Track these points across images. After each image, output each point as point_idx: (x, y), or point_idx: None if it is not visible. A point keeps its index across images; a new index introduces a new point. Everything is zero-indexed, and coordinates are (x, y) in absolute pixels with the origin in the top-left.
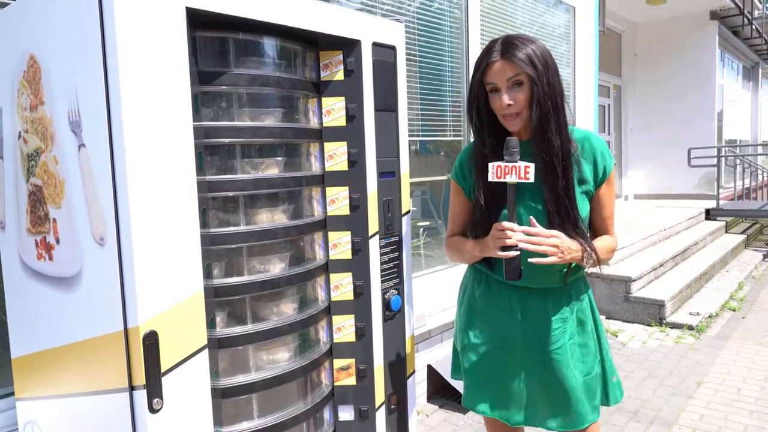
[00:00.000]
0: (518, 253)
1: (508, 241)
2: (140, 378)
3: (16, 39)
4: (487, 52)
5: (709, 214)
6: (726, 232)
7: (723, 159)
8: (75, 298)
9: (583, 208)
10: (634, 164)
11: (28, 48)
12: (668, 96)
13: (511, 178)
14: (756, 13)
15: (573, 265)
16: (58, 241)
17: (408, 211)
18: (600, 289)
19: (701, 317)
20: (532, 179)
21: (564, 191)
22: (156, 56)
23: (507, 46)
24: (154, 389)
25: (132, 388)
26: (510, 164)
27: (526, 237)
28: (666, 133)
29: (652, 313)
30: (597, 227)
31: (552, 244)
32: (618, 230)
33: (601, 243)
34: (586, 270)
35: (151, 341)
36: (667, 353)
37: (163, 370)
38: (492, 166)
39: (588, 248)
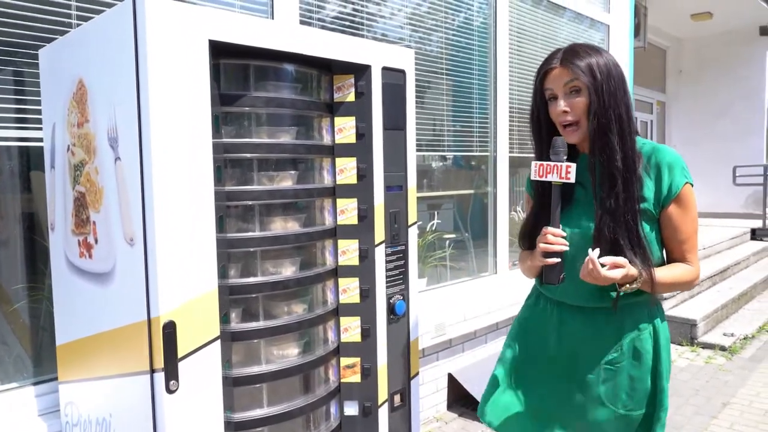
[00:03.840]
0: (559, 260)
1: (547, 246)
2: (159, 362)
3: (70, 64)
4: (547, 59)
5: (755, 234)
6: None
7: None
8: (109, 292)
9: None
10: None
11: (78, 72)
12: (714, 112)
13: (552, 177)
14: None
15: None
16: (96, 241)
17: (414, 222)
18: None
19: (735, 338)
20: (572, 180)
21: (624, 207)
22: (181, 83)
23: (568, 53)
24: (171, 372)
25: (152, 371)
26: (552, 163)
27: (563, 246)
28: (711, 150)
29: (684, 333)
30: (670, 252)
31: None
32: None
33: (666, 271)
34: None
35: (170, 330)
36: (695, 373)
37: (179, 355)
38: (534, 164)
39: (643, 272)
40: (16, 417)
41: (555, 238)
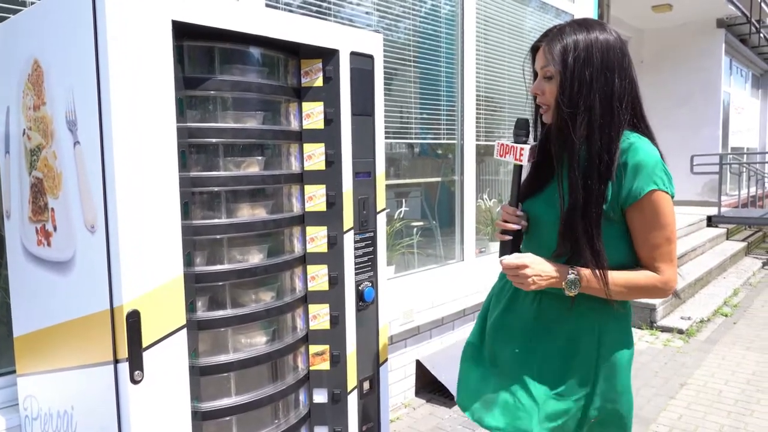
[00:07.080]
0: (510, 238)
1: (500, 224)
2: (123, 352)
3: (23, 44)
4: (541, 36)
5: (711, 221)
6: (727, 239)
7: (727, 166)
8: (69, 281)
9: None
10: None
11: (33, 53)
12: (674, 102)
13: (509, 158)
14: (767, 21)
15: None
16: (55, 228)
17: (383, 209)
18: None
19: (692, 322)
20: (524, 163)
21: (584, 205)
22: (143, 64)
23: (554, 34)
24: (135, 362)
25: (116, 361)
26: (510, 144)
27: (516, 225)
28: (670, 139)
29: (643, 317)
30: (639, 258)
31: (523, 276)
32: None
33: (623, 274)
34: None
35: (134, 319)
36: (654, 356)
37: (144, 345)
38: (497, 144)
39: (570, 273)
40: None
41: (510, 216)
